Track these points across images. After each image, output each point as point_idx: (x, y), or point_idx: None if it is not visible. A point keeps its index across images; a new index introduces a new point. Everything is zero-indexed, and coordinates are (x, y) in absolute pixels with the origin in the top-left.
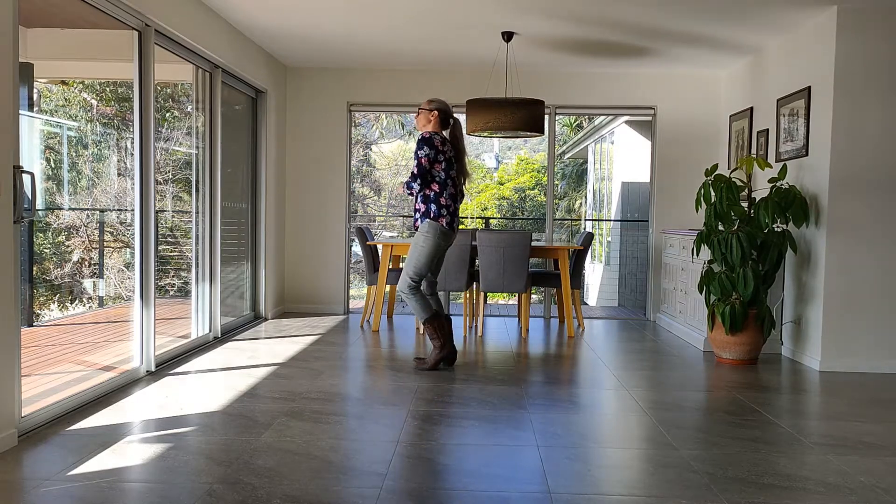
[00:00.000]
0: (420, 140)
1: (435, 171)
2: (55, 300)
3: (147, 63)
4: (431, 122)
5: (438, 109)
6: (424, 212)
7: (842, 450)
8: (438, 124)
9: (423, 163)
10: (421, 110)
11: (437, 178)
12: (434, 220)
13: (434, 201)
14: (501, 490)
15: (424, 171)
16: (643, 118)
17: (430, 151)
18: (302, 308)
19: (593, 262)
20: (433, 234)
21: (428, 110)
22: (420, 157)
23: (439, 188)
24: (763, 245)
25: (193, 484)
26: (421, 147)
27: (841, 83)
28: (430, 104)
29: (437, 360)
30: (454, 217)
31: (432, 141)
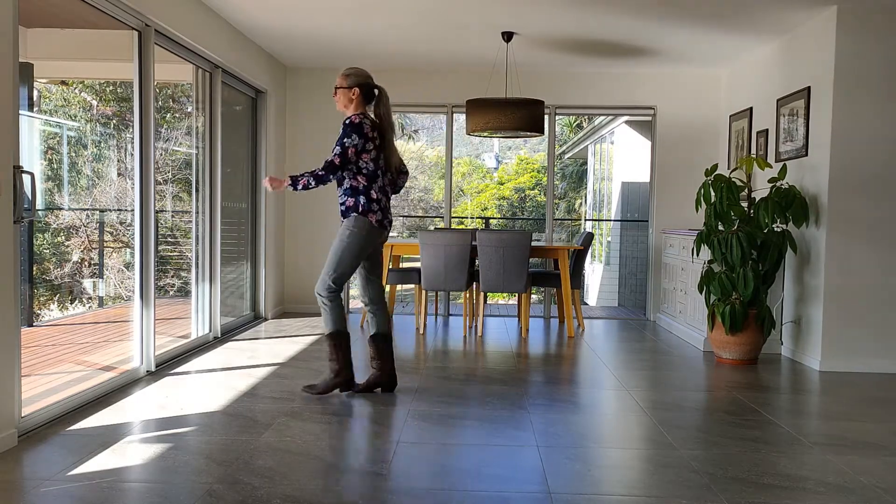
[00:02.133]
0: (347, 125)
1: (363, 161)
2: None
3: (147, 63)
4: (354, 100)
5: (359, 85)
6: (352, 206)
7: (842, 450)
8: (362, 101)
9: (349, 154)
10: (338, 88)
11: (364, 169)
12: (362, 216)
13: (363, 194)
14: (501, 490)
15: (346, 162)
16: (643, 118)
17: (359, 141)
18: (302, 308)
19: (593, 262)
20: (359, 230)
21: (347, 87)
22: (346, 147)
23: (368, 181)
24: (763, 245)
25: (193, 484)
26: (348, 134)
27: (841, 83)
28: (347, 79)
29: (332, 386)
30: (385, 213)
31: (362, 128)
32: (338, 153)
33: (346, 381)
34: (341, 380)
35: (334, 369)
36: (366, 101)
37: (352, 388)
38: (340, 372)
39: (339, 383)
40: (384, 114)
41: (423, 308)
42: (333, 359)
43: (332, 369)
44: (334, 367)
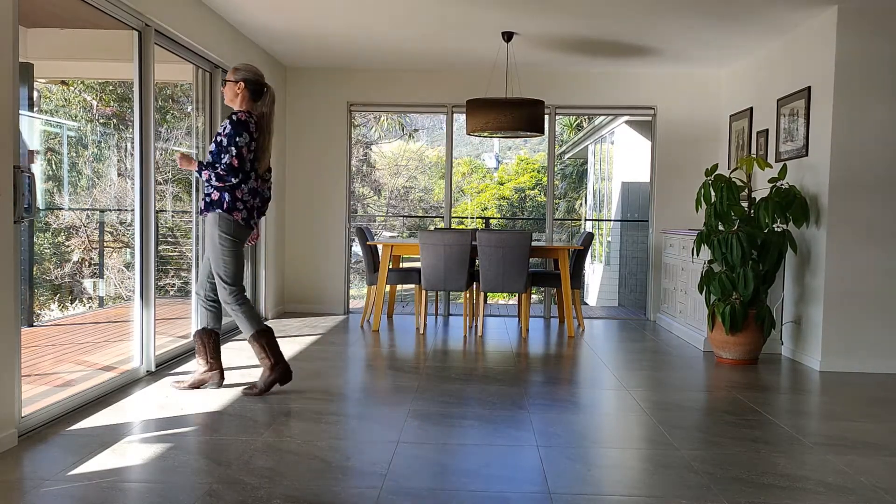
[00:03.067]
0: (236, 122)
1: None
2: (55, 300)
3: (147, 63)
4: (239, 95)
5: (246, 80)
6: (216, 200)
7: (842, 450)
8: (248, 98)
9: (244, 154)
10: (226, 82)
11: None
12: (226, 213)
13: (230, 191)
14: (501, 490)
15: (244, 162)
16: (643, 118)
17: (248, 139)
18: (302, 308)
19: (593, 262)
20: (227, 227)
21: (233, 81)
22: (240, 146)
23: (241, 178)
24: (763, 245)
25: (193, 484)
26: (239, 133)
27: (841, 83)
28: (236, 73)
29: (271, 381)
30: (251, 213)
31: (248, 126)
32: (234, 155)
33: (283, 374)
34: (278, 375)
35: (269, 366)
36: (253, 99)
37: (289, 378)
38: (275, 366)
39: (277, 378)
40: (267, 114)
41: (423, 308)
42: (264, 356)
43: (267, 367)
44: (269, 363)
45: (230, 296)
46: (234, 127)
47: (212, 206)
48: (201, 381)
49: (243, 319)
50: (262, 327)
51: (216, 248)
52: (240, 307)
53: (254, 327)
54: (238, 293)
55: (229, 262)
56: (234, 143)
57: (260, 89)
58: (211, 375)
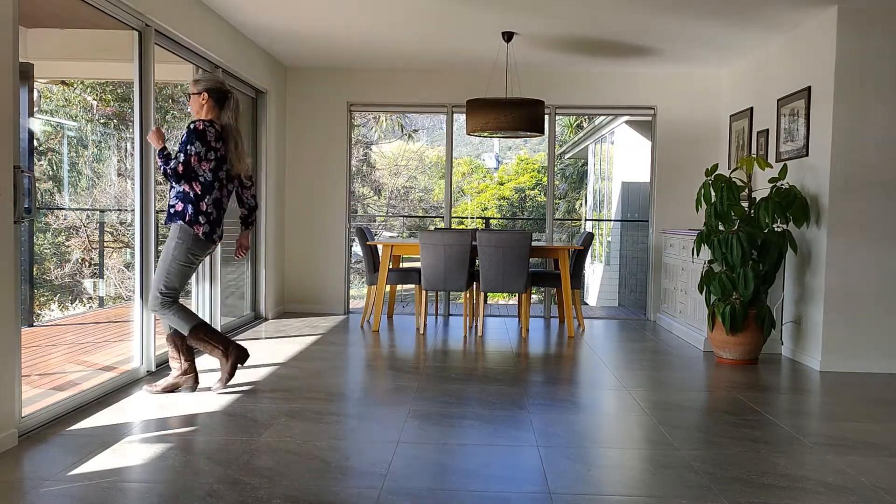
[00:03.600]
0: (191, 131)
1: (201, 169)
2: (55, 300)
3: (147, 63)
4: (204, 106)
5: (208, 90)
6: (179, 212)
7: (842, 450)
8: (213, 108)
9: (192, 162)
10: (190, 94)
11: (201, 177)
12: (187, 226)
13: (193, 203)
14: (501, 490)
15: (190, 172)
16: (643, 118)
17: (202, 149)
18: (302, 308)
19: (593, 262)
20: (185, 241)
21: (196, 93)
22: (189, 154)
23: (202, 190)
24: (763, 245)
25: (193, 484)
26: (191, 141)
27: (841, 83)
28: (197, 85)
29: (232, 366)
30: (214, 226)
31: (205, 135)
32: (181, 161)
33: (238, 353)
34: (234, 357)
35: (220, 354)
36: (218, 107)
37: (246, 354)
38: (227, 351)
39: (235, 360)
40: (231, 120)
41: (423, 308)
42: (211, 346)
43: (219, 355)
44: (218, 352)
45: (160, 304)
46: (188, 134)
47: (174, 217)
48: (175, 384)
49: (179, 320)
50: (197, 322)
51: (168, 256)
52: (171, 312)
53: (191, 322)
54: (171, 303)
55: (174, 275)
56: (183, 150)
57: (224, 97)
58: (185, 379)
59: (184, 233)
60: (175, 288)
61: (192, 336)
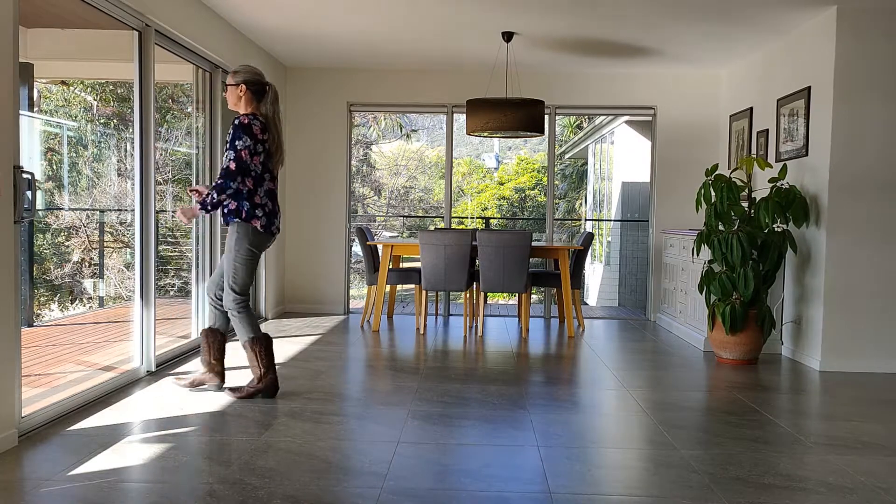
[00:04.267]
0: (237, 126)
1: (252, 164)
2: (55, 300)
3: (147, 63)
4: (242, 98)
5: (246, 81)
6: (234, 210)
7: (842, 450)
8: (252, 100)
9: (243, 157)
10: (227, 86)
11: (252, 171)
12: (245, 222)
13: (247, 199)
14: (501, 490)
15: (242, 167)
16: (643, 118)
17: (250, 142)
18: (302, 308)
19: (593, 262)
20: (245, 237)
21: (234, 85)
22: (239, 150)
23: (254, 184)
24: (763, 245)
25: (193, 484)
26: (239, 136)
27: (841, 83)
28: (235, 76)
29: (255, 391)
30: (271, 218)
31: (251, 129)
32: (232, 158)
33: (270, 386)
34: (264, 386)
35: (259, 375)
36: (256, 99)
37: (274, 392)
38: (264, 377)
39: (263, 390)
40: (270, 112)
41: (423, 308)
42: (256, 364)
43: (257, 375)
44: (258, 372)
45: (234, 303)
46: (235, 130)
47: (230, 217)
48: (201, 381)
49: (244, 326)
50: (259, 334)
51: (231, 254)
52: (241, 314)
53: (253, 332)
54: (242, 302)
55: (240, 272)
56: (233, 147)
57: (262, 89)
58: (211, 377)
59: (242, 229)
60: (246, 284)
61: (248, 345)
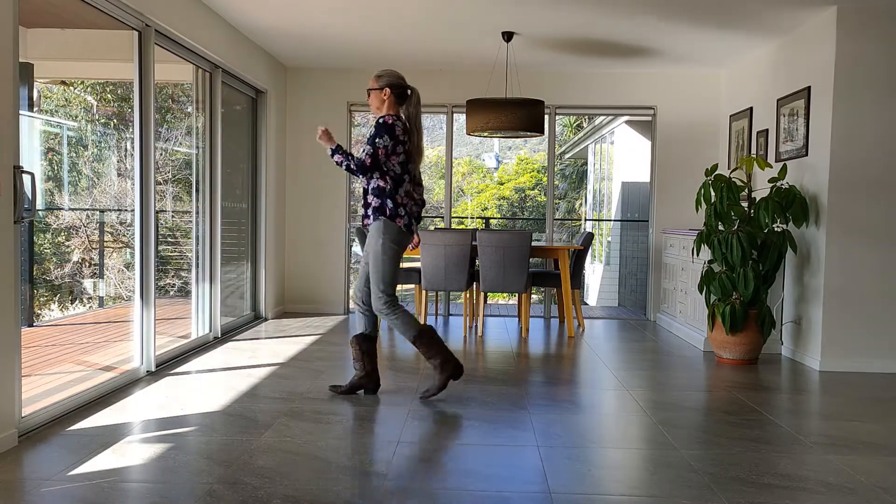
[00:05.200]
0: (379, 125)
1: (391, 163)
2: (55, 300)
3: (147, 63)
4: (386, 101)
5: (390, 85)
6: (378, 207)
7: (842, 450)
8: (394, 103)
9: (379, 154)
10: (370, 91)
11: (391, 171)
12: (390, 220)
13: (389, 196)
14: (501, 490)
15: (377, 164)
16: (643, 118)
17: (390, 142)
18: (302, 308)
19: (593, 262)
20: (389, 235)
21: (378, 89)
22: (377, 147)
23: (394, 184)
24: (763, 245)
25: (193, 484)
26: (380, 134)
27: (841, 83)
28: (379, 80)
29: (445, 379)
30: (411, 218)
31: (394, 129)
32: (369, 153)
33: (454, 369)
34: (450, 371)
35: (438, 364)
36: (399, 102)
37: (461, 372)
38: (447, 361)
39: (450, 374)
40: (413, 115)
41: (424, 308)
42: (432, 354)
43: (436, 365)
44: (438, 361)
45: (385, 305)
46: (378, 129)
47: (375, 214)
48: (358, 386)
49: (401, 325)
50: (423, 328)
51: (377, 255)
52: (395, 316)
53: (415, 329)
54: (392, 302)
55: (388, 271)
56: (372, 143)
57: (404, 92)
58: (367, 381)
59: (387, 227)
60: (393, 283)
61: (417, 341)
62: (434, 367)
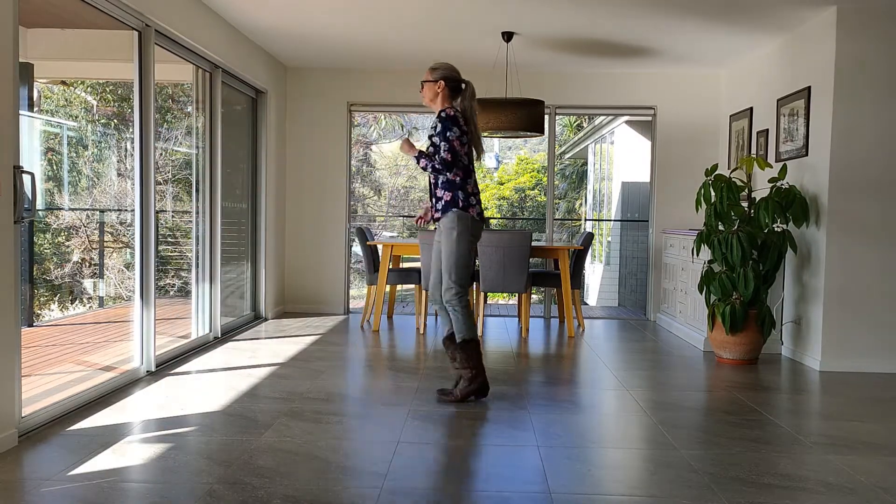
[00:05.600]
0: (444, 119)
1: (461, 154)
2: (55, 300)
3: (147, 63)
4: (440, 94)
5: (445, 78)
6: (450, 200)
7: (842, 450)
8: (448, 96)
9: (456, 147)
10: (425, 83)
11: (461, 162)
12: (463, 211)
13: (461, 188)
14: (501, 490)
15: (458, 155)
16: (643, 118)
17: (459, 133)
18: (302, 308)
19: (593, 262)
20: (464, 226)
21: (433, 81)
22: (451, 140)
23: (464, 174)
24: (763, 245)
25: (193, 484)
26: (449, 127)
27: (841, 83)
28: (434, 72)
29: (469, 392)
30: (481, 206)
31: (458, 120)
32: (447, 148)
33: (482, 386)
34: (477, 386)
35: (469, 376)
36: (452, 96)
37: (486, 392)
38: (475, 378)
39: (476, 390)
40: (468, 108)
41: (423, 308)
42: (467, 366)
43: (467, 376)
44: (469, 373)
45: (455, 297)
46: (443, 122)
47: (447, 208)
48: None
49: (461, 323)
50: (475, 336)
51: (451, 246)
52: (463, 309)
53: (469, 334)
54: (463, 295)
55: (462, 262)
56: (445, 139)
57: (458, 86)
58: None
59: (461, 219)
60: (465, 277)
61: (463, 345)
62: (462, 378)
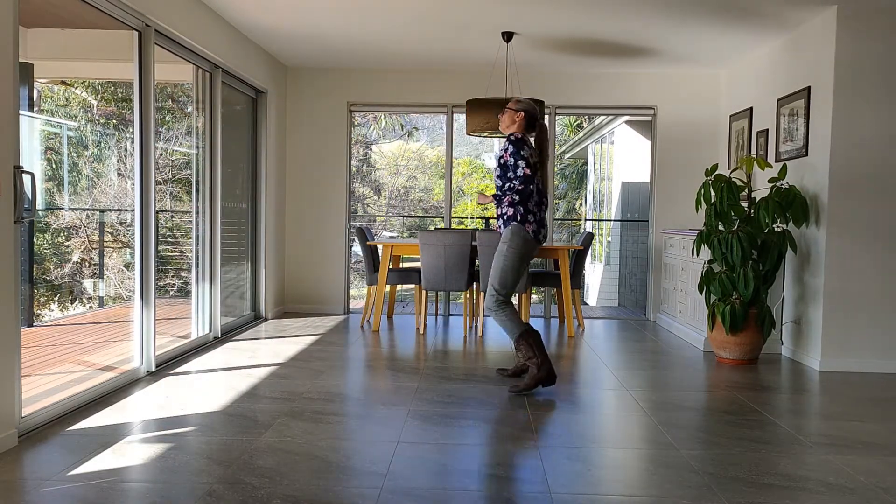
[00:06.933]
0: (514, 141)
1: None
2: (55, 300)
3: (147, 63)
4: (516, 122)
5: (525, 111)
6: (511, 216)
7: (842, 450)
8: (524, 126)
9: (527, 172)
10: (507, 109)
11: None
12: (520, 224)
13: (521, 204)
14: (501, 490)
15: (533, 172)
16: (643, 118)
17: (527, 153)
18: (302, 308)
19: (593, 262)
20: (518, 239)
21: (514, 110)
22: (525, 158)
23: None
24: (763, 245)
25: (193, 484)
26: (520, 147)
27: (841, 83)
28: (518, 104)
29: (537, 380)
30: (539, 227)
31: (525, 142)
32: (524, 166)
33: (549, 374)
34: (544, 374)
35: (536, 364)
36: (527, 128)
37: (554, 380)
38: (542, 366)
39: (543, 377)
40: (542, 141)
41: (423, 308)
42: (532, 355)
43: (534, 364)
44: (535, 362)
45: (495, 303)
46: (515, 144)
47: (508, 221)
48: (538, 379)
49: (508, 323)
50: (527, 328)
51: (501, 255)
52: (503, 313)
53: (520, 328)
54: (504, 302)
55: (508, 273)
56: (519, 157)
57: (534, 122)
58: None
59: (516, 231)
60: (509, 286)
61: (521, 340)
62: (531, 366)
